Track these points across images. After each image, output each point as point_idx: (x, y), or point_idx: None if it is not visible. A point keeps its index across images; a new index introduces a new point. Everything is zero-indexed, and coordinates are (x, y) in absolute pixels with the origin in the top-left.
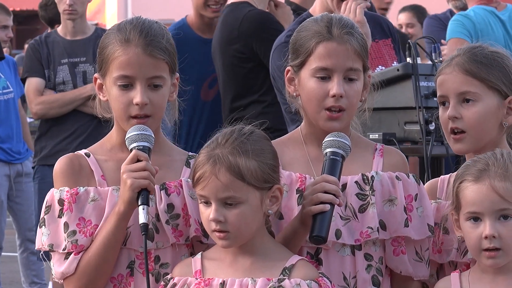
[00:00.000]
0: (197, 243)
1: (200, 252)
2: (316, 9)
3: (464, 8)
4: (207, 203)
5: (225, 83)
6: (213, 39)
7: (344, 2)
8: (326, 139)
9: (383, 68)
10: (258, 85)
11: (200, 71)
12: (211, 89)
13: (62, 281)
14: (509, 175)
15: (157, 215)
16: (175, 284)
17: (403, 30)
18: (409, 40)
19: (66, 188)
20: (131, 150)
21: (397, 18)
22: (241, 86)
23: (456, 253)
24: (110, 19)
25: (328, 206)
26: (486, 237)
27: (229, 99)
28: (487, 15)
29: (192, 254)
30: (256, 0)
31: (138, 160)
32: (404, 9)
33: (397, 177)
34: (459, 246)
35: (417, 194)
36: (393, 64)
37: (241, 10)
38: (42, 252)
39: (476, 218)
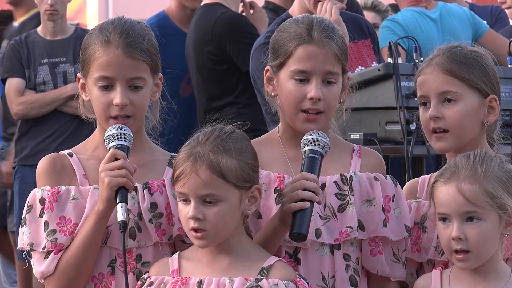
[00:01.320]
0: (179, 243)
1: (178, 252)
2: (295, 10)
3: None
4: (186, 201)
5: (199, 85)
6: (186, 40)
7: (320, 3)
8: (304, 137)
9: (363, 68)
10: (232, 87)
11: (181, 65)
12: (188, 84)
13: (43, 280)
14: (478, 178)
15: (140, 214)
16: (152, 283)
17: None
18: (389, 40)
19: (48, 188)
20: (110, 149)
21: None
22: (215, 88)
23: (434, 252)
24: (91, 19)
25: (308, 204)
26: (453, 239)
27: (203, 100)
28: (416, 16)
29: (173, 254)
30: (229, 1)
31: (117, 159)
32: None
33: (375, 178)
34: (437, 245)
35: (394, 195)
36: (372, 65)
37: (214, 12)
38: (25, 252)
39: (445, 219)
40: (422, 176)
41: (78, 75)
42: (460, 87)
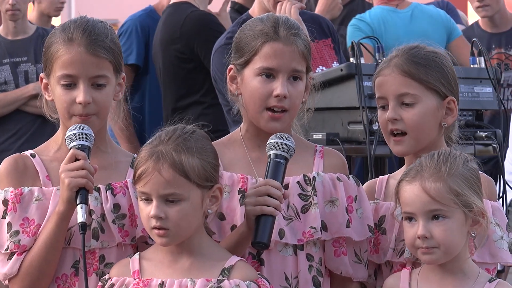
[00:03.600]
0: (142, 244)
1: (138, 253)
2: (255, 10)
3: None
4: (148, 200)
5: (166, 83)
6: (154, 38)
7: (279, 3)
8: (270, 141)
9: (324, 68)
10: (198, 86)
11: None
12: None
13: (6, 282)
14: (442, 176)
15: (103, 215)
16: (113, 285)
17: None
18: (352, 40)
19: (11, 189)
20: (71, 149)
21: None
22: (181, 87)
23: (392, 253)
24: (54, 19)
25: (277, 212)
26: (419, 237)
27: (170, 99)
28: (384, 15)
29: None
30: (198, 1)
31: (77, 159)
32: None
33: (338, 178)
34: (395, 246)
35: (356, 196)
36: (333, 65)
37: (183, 11)
38: None
39: (411, 218)
40: (380, 177)
41: (41, 75)
42: (418, 89)
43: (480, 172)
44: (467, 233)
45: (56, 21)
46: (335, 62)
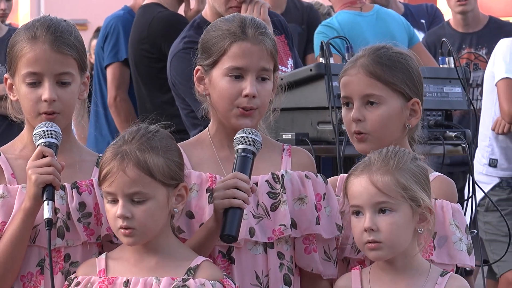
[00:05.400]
0: (107, 243)
1: (105, 253)
2: (207, 13)
3: None
4: (114, 201)
5: (137, 83)
6: (129, 40)
7: (245, 3)
8: (237, 136)
9: (280, 66)
10: (168, 86)
11: None
12: None
13: None
14: (390, 169)
15: (68, 213)
16: (78, 283)
17: None
18: (321, 40)
19: None
20: (38, 146)
21: None
22: (153, 86)
23: (350, 250)
24: (23, 19)
25: (245, 205)
26: (365, 230)
27: (143, 98)
28: (350, 19)
29: (101, 254)
30: (167, 2)
31: (44, 156)
32: None
33: (306, 176)
34: (353, 243)
35: (325, 194)
36: (288, 61)
37: (152, 11)
38: None
39: (358, 212)
40: (341, 175)
41: (6, 75)
42: (383, 91)
43: (440, 174)
44: (414, 229)
45: (26, 21)
46: (289, 59)
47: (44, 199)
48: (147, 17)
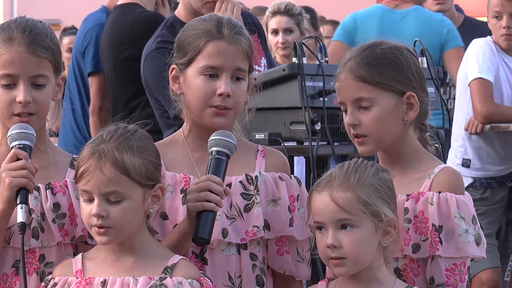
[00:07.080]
0: (81, 244)
1: (81, 253)
2: (181, 12)
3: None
4: (90, 200)
5: (114, 84)
6: (101, 39)
7: (219, 1)
8: (211, 138)
9: (254, 65)
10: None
11: None
12: None
13: None
14: (350, 186)
15: (43, 214)
16: (55, 284)
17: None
18: (294, 40)
19: None
20: (12, 148)
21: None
22: (130, 88)
23: None
24: None
25: (218, 208)
26: (328, 247)
27: (119, 99)
28: (372, 14)
29: (76, 255)
30: (145, 1)
31: (19, 159)
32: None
33: (280, 178)
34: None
35: (298, 195)
36: (261, 60)
37: (132, 12)
38: None
39: (321, 227)
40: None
41: None
42: (373, 92)
43: (447, 166)
44: (378, 243)
45: None
46: (263, 58)
47: (17, 202)
48: (128, 18)
